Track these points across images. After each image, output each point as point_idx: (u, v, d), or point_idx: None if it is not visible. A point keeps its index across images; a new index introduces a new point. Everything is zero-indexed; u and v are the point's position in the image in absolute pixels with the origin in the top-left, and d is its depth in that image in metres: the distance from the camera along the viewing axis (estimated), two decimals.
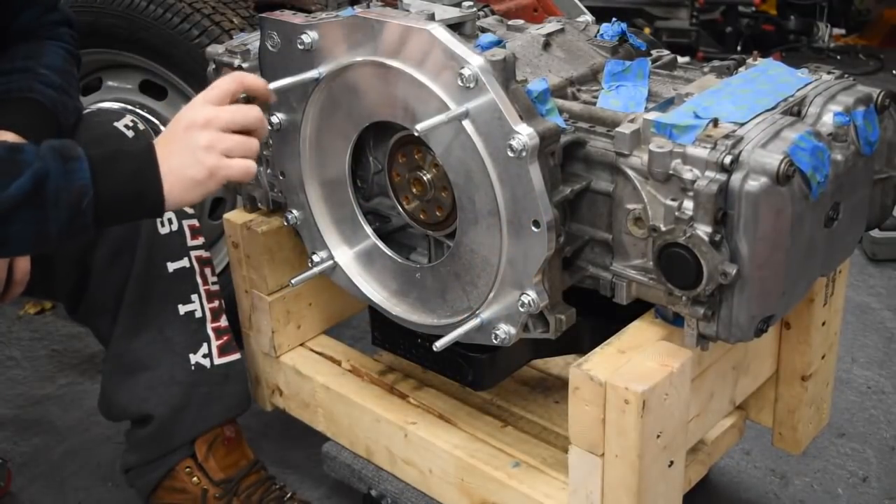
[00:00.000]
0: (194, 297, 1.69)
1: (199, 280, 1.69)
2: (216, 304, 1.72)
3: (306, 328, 1.80)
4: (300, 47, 1.39)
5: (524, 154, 1.20)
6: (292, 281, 1.55)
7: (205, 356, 1.70)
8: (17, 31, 1.62)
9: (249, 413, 1.80)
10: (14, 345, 2.45)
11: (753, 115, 1.22)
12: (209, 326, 1.70)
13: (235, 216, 1.72)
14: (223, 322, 1.73)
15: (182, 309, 1.68)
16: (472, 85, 1.22)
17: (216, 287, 1.73)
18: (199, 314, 1.69)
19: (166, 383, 1.68)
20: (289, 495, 1.75)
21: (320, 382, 1.70)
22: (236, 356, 1.74)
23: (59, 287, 1.69)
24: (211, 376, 1.70)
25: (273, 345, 1.75)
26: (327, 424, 1.72)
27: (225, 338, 1.73)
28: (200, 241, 1.71)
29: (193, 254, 1.69)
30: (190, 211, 1.69)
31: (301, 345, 1.80)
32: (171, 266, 1.66)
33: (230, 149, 1.29)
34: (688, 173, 1.18)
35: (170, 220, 1.65)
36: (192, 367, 1.69)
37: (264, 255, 1.68)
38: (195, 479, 1.72)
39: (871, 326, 2.51)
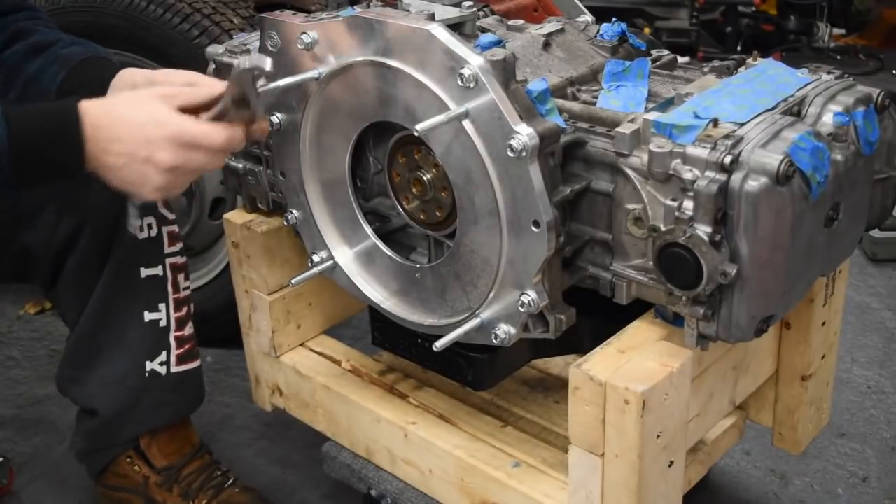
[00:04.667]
0: (161, 306, 1.70)
1: (169, 289, 1.71)
2: (184, 311, 1.73)
3: (306, 328, 1.80)
4: (300, 47, 1.39)
5: (524, 154, 1.20)
6: (292, 281, 1.55)
7: (161, 364, 1.72)
8: None
9: (249, 413, 1.80)
10: (14, 345, 2.45)
11: (753, 115, 1.22)
12: (172, 335, 1.72)
13: (235, 216, 1.72)
14: (188, 330, 1.75)
15: (147, 316, 1.69)
16: (472, 85, 1.22)
17: (187, 293, 1.74)
18: (163, 323, 1.71)
19: (117, 384, 1.70)
20: (231, 481, 1.77)
21: (320, 382, 1.70)
22: (195, 364, 1.77)
23: (36, 275, 1.70)
24: (165, 383, 1.72)
25: (273, 345, 1.75)
26: (327, 424, 1.72)
27: (187, 346, 1.75)
28: (178, 247, 1.72)
29: (169, 261, 1.70)
30: (171, 217, 1.71)
31: (301, 345, 1.80)
32: (145, 272, 1.67)
33: (184, 182, 1.30)
34: (688, 173, 1.18)
35: (150, 226, 1.66)
36: (147, 374, 1.71)
37: (264, 255, 1.68)
38: (136, 467, 1.76)
39: (871, 326, 2.51)
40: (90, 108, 1.27)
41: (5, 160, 1.23)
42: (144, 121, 1.27)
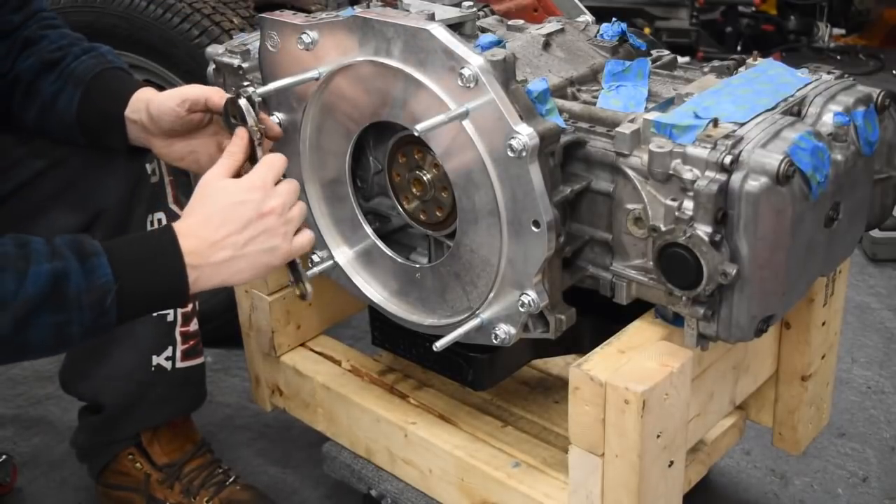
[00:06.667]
0: None
1: None
2: (189, 307, 1.74)
3: (306, 328, 1.80)
4: (300, 47, 1.39)
5: (524, 154, 1.20)
6: None
7: (167, 359, 1.72)
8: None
9: (249, 413, 1.80)
10: None
11: (753, 115, 1.22)
12: (178, 331, 1.72)
13: None
14: (192, 326, 1.75)
15: None
16: (472, 85, 1.22)
17: None
18: (170, 318, 1.71)
19: (124, 378, 1.71)
20: (231, 479, 1.78)
21: (320, 382, 1.70)
22: (199, 360, 1.78)
23: None
24: (170, 378, 1.73)
25: (273, 345, 1.75)
26: (327, 424, 1.72)
27: (191, 342, 1.75)
28: None
29: None
30: (179, 213, 1.70)
31: (301, 345, 1.80)
32: None
33: (295, 227, 1.27)
34: (688, 173, 1.18)
35: (160, 220, 1.67)
36: (153, 368, 1.71)
37: None
38: (138, 465, 1.76)
39: (871, 326, 2.51)
40: (181, 227, 1.23)
41: (112, 305, 1.17)
42: (229, 195, 1.24)
